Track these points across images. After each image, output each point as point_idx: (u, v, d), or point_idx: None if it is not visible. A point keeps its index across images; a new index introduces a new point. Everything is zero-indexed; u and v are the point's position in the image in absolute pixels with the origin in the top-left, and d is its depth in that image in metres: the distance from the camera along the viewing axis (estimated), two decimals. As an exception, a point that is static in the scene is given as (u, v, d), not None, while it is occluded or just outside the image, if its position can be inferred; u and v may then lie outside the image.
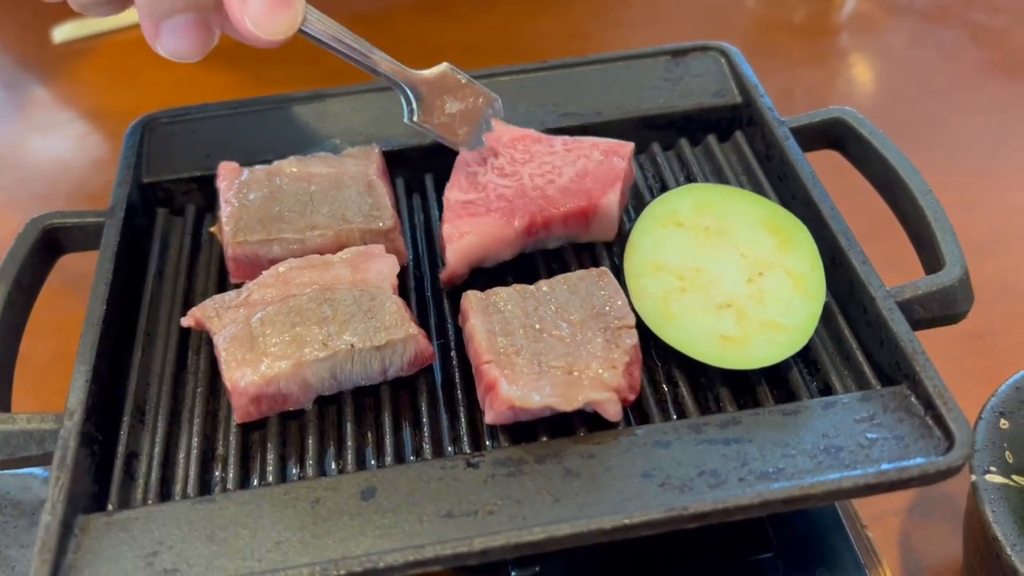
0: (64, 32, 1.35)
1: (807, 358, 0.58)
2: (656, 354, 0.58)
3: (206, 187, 0.70)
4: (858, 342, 0.57)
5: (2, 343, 0.61)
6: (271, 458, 0.54)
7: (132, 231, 0.66)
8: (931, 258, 0.61)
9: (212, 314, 0.57)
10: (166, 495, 0.53)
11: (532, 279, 0.60)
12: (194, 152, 0.71)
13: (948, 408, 0.50)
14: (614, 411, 0.52)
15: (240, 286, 0.60)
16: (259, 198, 0.64)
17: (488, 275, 0.64)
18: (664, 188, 0.70)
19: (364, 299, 0.57)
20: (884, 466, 0.49)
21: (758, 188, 0.69)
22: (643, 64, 0.77)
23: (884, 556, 0.67)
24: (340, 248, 0.61)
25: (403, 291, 0.62)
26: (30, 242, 0.64)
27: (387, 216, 0.63)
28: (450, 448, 0.55)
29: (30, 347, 0.87)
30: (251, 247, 0.62)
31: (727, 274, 0.60)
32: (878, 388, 0.54)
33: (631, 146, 0.67)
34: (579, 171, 0.65)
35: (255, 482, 0.54)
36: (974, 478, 0.61)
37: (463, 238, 0.61)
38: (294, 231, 0.62)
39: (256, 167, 0.66)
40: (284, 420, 0.56)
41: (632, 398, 0.55)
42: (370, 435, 0.56)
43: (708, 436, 0.51)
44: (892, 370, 0.54)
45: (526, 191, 0.64)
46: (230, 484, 0.53)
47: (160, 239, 0.68)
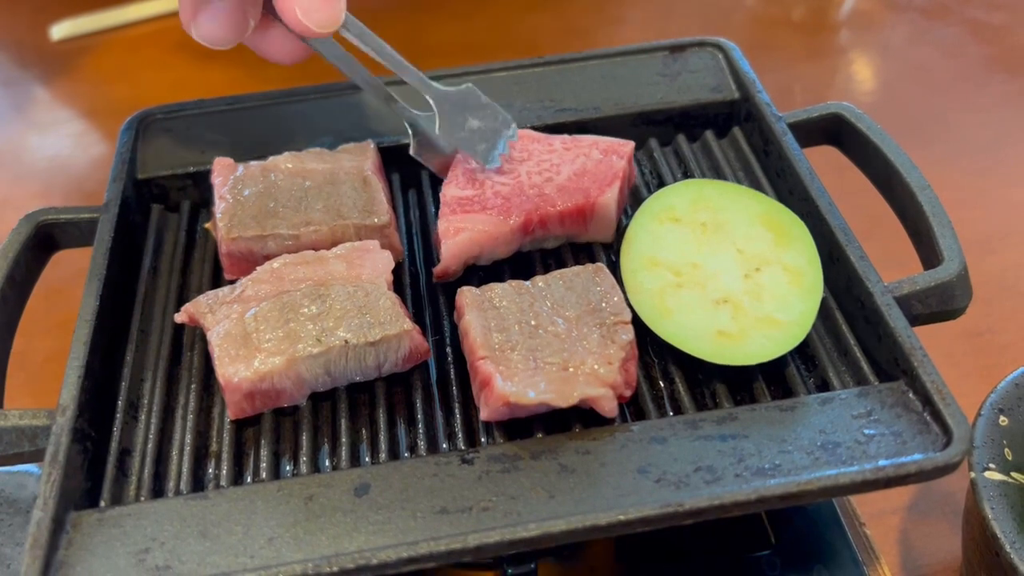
0: (62, 30, 1.35)
1: (804, 354, 0.57)
2: (652, 350, 0.58)
3: (201, 183, 0.70)
4: (856, 338, 0.57)
5: (-5, 339, 0.60)
6: (265, 454, 0.54)
7: (126, 227, 0.66)
8: (929, 253, 0.61)
9: (206, 310, 0.57)
10: (159, 491, 0.53)
11: (528, 275, 0.59)
12: (189, 148, 0.71)
13: (946, 404, 0.50)
14: (610, 407, 0.52)
15: (234, 282, 0.60)
16: (254, 194, 0.64)
17: (484, 271, 0.63)
18: (661, 184, 0.70)
19: (359, 295, 0.57)
20: (881, 462, 0.48)
21: (756, 184, 0.68)
22: (640, 60, 0.76)
23: (883, 554, 0.67)
24: (335, 244, 0.61)
25: (398, 287, 0.62)
26: (24, 238, 0.64)
27: (382, 212, 0.63)
28: (445, 445, 0.54)
29: (25, 345, 0.87)
30: (245, 243, 0.61)
31: (724, 270, 0.59)
32: (876, 384, 0.54)
33: (631, 145, 0.67)
34: (577, 169, 0.65)
35: (248, 478, 0.53)
36: (973, 475, 0.61)
37: (458, 234, 0.61)
38: (289, 227, 0.62)
39: (251, 163, 0.66)
40: (278, 416, 0.56)
41: (628, 394, 0.54)
42: (364, 431, 0.55)
43: (704, 432, 0.51)
44: (890, 366, 0.54)
45: (523, 189, 0.63)
46: (223, 480, 0.53)
47: (154, 235, 0.68)
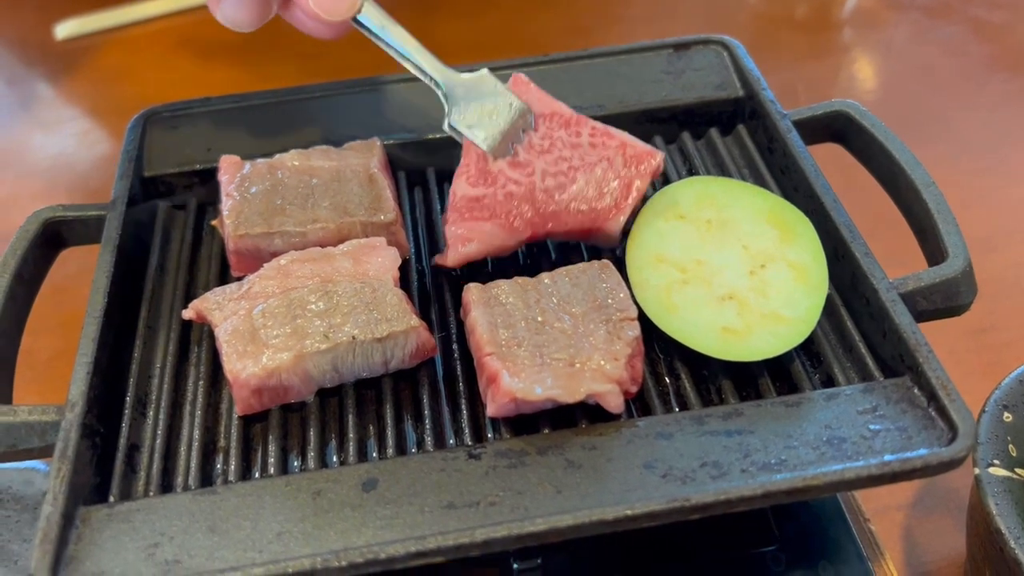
0: (67, 29, 1.35)
1: (809, 350, 0.58)
2: (658, 346, 0.58)
3: (207, 181, 0.70)
4: (861, 334, 0.57)
5: (3, 336, 0.61)
6: (272, 450, 0.54)
7: (133, 224, 0.66)
8: (934, 250, 0.61)
9: (213, 306, 0.57)
10: (167, 487, 0.53)
11: (534, 272, 0.60)
12: (195, 146, 0.71)
13: (951, 399, 0.50)
14: (616, 403, 0.52)
15: (241, 279, 0.60)
16: (260, 191, 0.64)
17: (490, 267, 0.64)
18: (667, 181, 0.70)
19: (365, 291, 0.57)
20: (887, 457, 0.48)
21: (760, 181, 0.69)
22: (645, 58, 0.77)
23: (887, 550, 0.67)
24: (341, 241, 0.61)
25: (405, 284, 0.62)
26: (31, 235, 0.64)
27: (388, 209, 0.63)
28: (452, 440, 0.54)
29: (33, 343, 0.87)
30: (252, 240, 0.62)
31: (729, 266, 0.59)
32: (881, 380, 0.54)
33: (659, 160, 0.63)
34: (594, 182, 0.62)
35: (256, 474, 0.54)
36: (977, 471, 0.61)
37: (466, 245, 0.61)
38: (295, 224, 0.62)
39: (258, 160, 0.66)
40: (285, 412, 0.56)
41: (634, 390, 0.55)
42: (372, 427, 0.56)
43: (710, 428, 0.51)
44: (895, 362, 0.54)
45: (535, 193, 0.61)
46: (231, 476, 0.53)
47: (161, 232, 0.68)
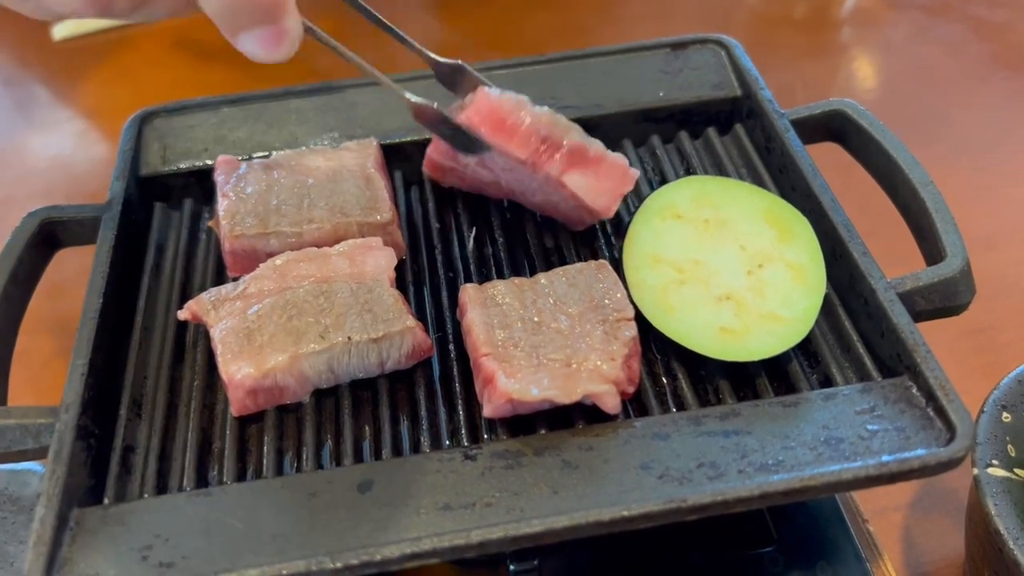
0: (63, 30, 1.35)
1: (807, 350, 0.57)
2: (655, 347, 0.58)
3: (204, 181, 0.70)
4: (859, 334, 0.57)
5: (-1, 337, 0.60)
6: (268, 451, 0.54)
7: (129, 225, 0.66)
8: (932, 249, 0.61)
9: (209, 307, 0.57)
10: (163, 488, 0.53)
11: (530, 272, 0.59)
12: (192, 146, 0.71)
13: (949, 399, 0.50)
14: (613, 403, 0.52)
15: (237, 280, 0.60)
16: (256, 191, 0.64)
17: (486, 268, 0.63)
18: (664, 181, 0.70)
19: (361, 292, 0.57)
20: (885, 458, 0.48)
21: (758, 180, 0.68)
22: (642, 57, 0.76)
23: (885, 550, 0.67)
24: (338, 241, 0.61)
25: (401, 284, 0.62)
26: (27, 235, 0.64)
27: (385, 209, 0.63)
28: (448, 441, 0.54)
29: (29, 344, 0.87)
30: (248, 240, 0.61)
31: (726, 266, 0.59)
32: (879, 380, 0.54)
33: (609, 213, 0.62)
34: (550, 202, 0.64)
35: (252, 475, 0.54)
36: (976, 472, 0.61)
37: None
38: (291, 224, 0.62)
39: (254, 160, 0.66)
40: (281, 413, 0.56)
41: (631, 391, 0.54)
42: (368, 428, 0.55)
43: (707, 428, 0.51)
44: (893, 362, 0.54)
45: (500, 187, 0.65)
46: (227, 477, 0.53)
47: (157, 233, 0.68)
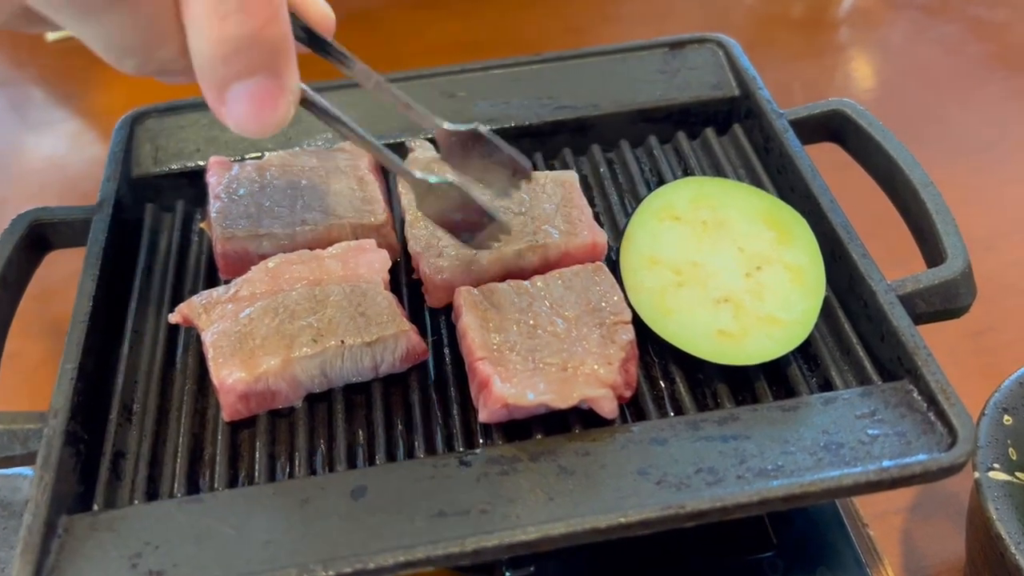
0: (58, 30, 1.34)
1: (807, 353, 0.57)
2: (653, 350, 0.57)
3: (196, 182, 0.69)
4: (858, 337, 0.56)
5: (-13, 341, 0.60)
6: (260, 457, 0.53)
7: (120, 227, 0.65)
8: (932, 251, 0.60)
9: (200, 310, 0.56)
10: (153, 495, 0.52)
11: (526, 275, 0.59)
12: (184, 146, 0.70)
13: (951, 403, 0.49)
14: (610, 408, 0.51)
15: (230, 282, 0.59)
16: (249, 193, 0.63)
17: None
18: (661, 182, 0.69)
19: (355, 294, 0.56)
20: (886, 463, 0.48)
21: (756, 181, 0.68)
22: (640, 57, 0.76)
23: (886, 555, 0.66)
24: (331, 244, 0.60)
25: (395, 287, 0.61)
26: (16, 237, 0.63)
27: (379, 211, 0.62)
28: (443, 447, 0.53)
29: (21, 347, 0.86)
30: (240, 242, 0.61)
31: (725, 268, 0.59)
32: (879, 383, 0.53)
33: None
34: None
35: (244, 481, 0.53)
36: (977, 475, 0.60)
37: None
38: (284, 226, 0.61)
39: (246, 161, 0.65)
40: (273, 418, 0.55)
41: (628, 395, 0.54)
42: (361, 433, 0.55)
43: (706, 433, 0.50)
44: (893, 365, 0.53)
45: None
46: (218, 483, 0.52)
47: (149, 235, 0.67)
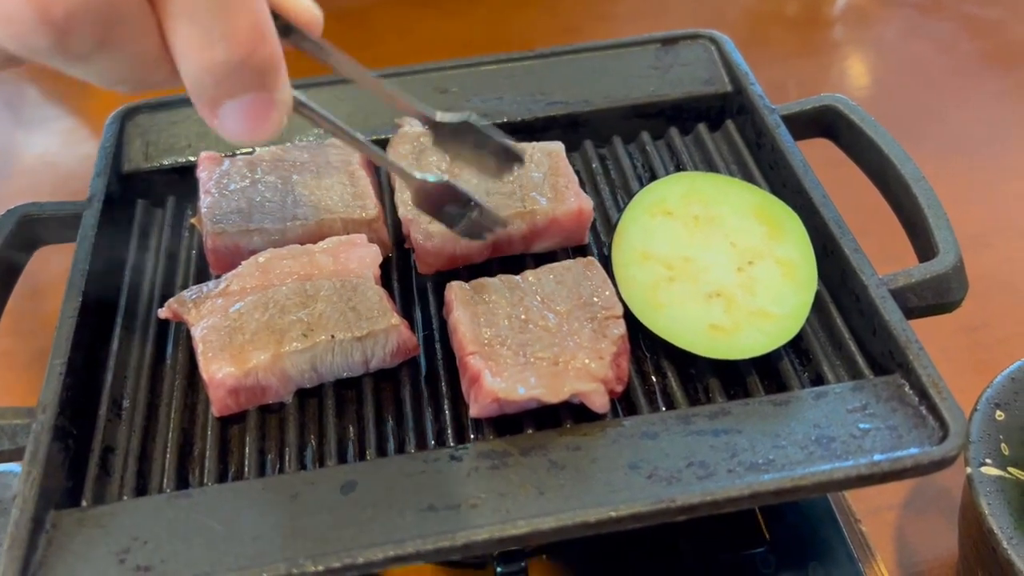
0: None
1: (798, 348, 0.57)
2: (644, 344, 0.57)
3: (186, 177, 0.68)
4: (850, 331, 0.56)
5: (-24, 336, 0.59)
6: (250, 452, 0.53)
7: (110, 222, 0.65)
8: (924, 246, 0.60)
9: (190, 305, 0.56)
10: (142, 490, 0.52)
11: (518, 268, 0.58)
12: (175, 142, 0.70)
13: (942, 397, 0.49)
14: (601, 402, 0.51)
15: (220, 278, 0.59)
16: (240, 188, 0.63)
17: (473, 266, 0.62)
18: (653, 177, 0.69)
19: (345, 289, 0.56)
20: (877, 456, 0.47)
21: (749, 177, 0.68)
22: (632, 53, 0.76)
23: (878, 550, 0.66)
24: (322, 239, 0.60)
25: (386, 282, 0.61)
26: (6, 232, 0.63)
27: (370, 206, 0.62)
28: (433, 441, 0.53)
29: (12, 344, 0.86)
30: (231, 238, 0.60)
31: (717, 263, 0.58)
32: (871, 378, 0.53)
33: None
34: None
35: (233, 477, 0.52)
36: (969, 471, 0.60)
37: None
38: (275, 221, 0.61)
39: (237, 157, 0.65)
40: (263, 413, 0.55)
41: (620, 389, 0.53)
42: (352, 428, 0.54)
43: (697, 427, 0.50)
44: (885, 359, 0.53)
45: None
46: (208, 479, 0.52)
47: (139, 230, 0.67)
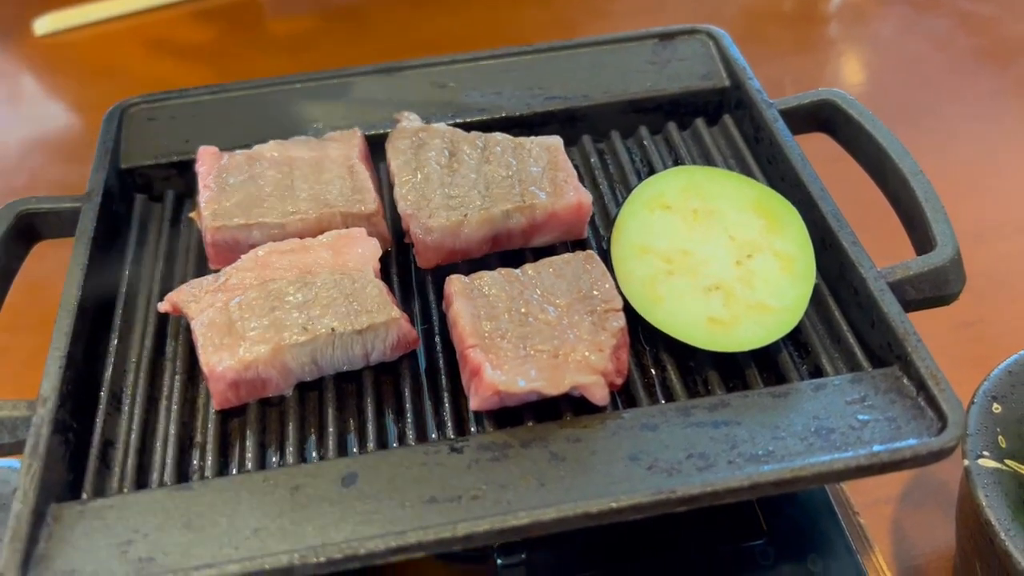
0: (45, 24, 1.34)
1: (797, 340, 0.57)
2: (644, 337, 0.57)
3: (185, 173, 0.68)
4: (849, 324, 0.56)
5: (-25, 331, 0.59)
6: (250, 445, 0.53)
7: (109, 217, 0.65)
8: (922, 239, 0.60)
9: (189, 299, 0.56)
10: (143, 483, 0.52)
11: (518, 263, 0.59)
12: (173, 137, 0.70)
13: (940, 389, 0.50)
14: (601, 395, 0.51)
15: (220, 272, 0.59)
16: (239, 183, 0.63)
17: (472, 260, 0.63)
18: (652, 172, 0.69)
19: (345, 282, 0.56)
20: (876, 448, 0.48)
21: (747, 171, 0.68)
22: (630, 48, 0.76)
23: (876, 543, 0.66)
24: (321, 232, 0.60)
25: (386, 276, 0.61)
26: (4, 228, 0.63)
27: (370, 200, 0.62)
28: (434, 434, 0.53)
29: (11, 340, 0.86)
30: (231, 232, 0.60)
31: (715, 256, 0.59)
32: (869, 370, 0.53)
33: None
34: None
35: (234, 469, 0.53)
36: (967, 463, 0.60)
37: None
38: (274, 216, 0.61)
39: (236, 151, 0.65)
40: (264, 407, 0.55)
41: (619, 382, 0.54)
42: (352, 421, 0.54)
43: (696, 419, 0.50)
44: (883, 352, 0.53)
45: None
46: (208, 472, 0.52)
47: (138, 225, 0.67)
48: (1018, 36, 1.24)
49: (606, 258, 0.59)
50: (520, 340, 0.53)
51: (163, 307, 0.57)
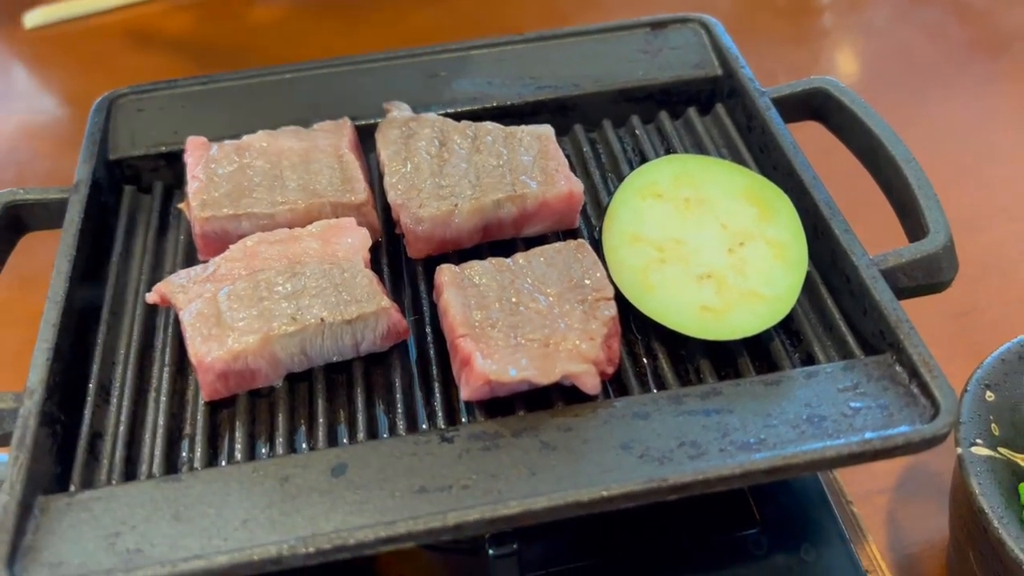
0: (35, 18, 1.33)
1: (789, 328, 0.57)
2: (635, 326, 0.57)
3: (174, 163, 0.68)
4: (841, 312, 0.56)
5: (-38, 323, 0.59)
6: (239, 436, 0.53)
7: (97, 208, 0.64)
8: (915, 226, 0.60)
9: (178, 289, 0.55)
10: (131, 475, 0.52)
11: (509, 252, 0.58)
12: (162, 128, 0.70)
13: (933, 376, 0.49)
14: (592, 383, 0.51)
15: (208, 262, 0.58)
16: (228, 173, 0.62)
17: (463, 250, 0.62)
18: (644, 161, 0.68)
19: (335, 272, 0.55)
20: (868, 435, 0.48)
21: (739, 160, 0.67)
22: (622, 36, 0.75)
23: (870, 532, 0.66)
24: (311, 223, 0.60)
25: (376, 266, 0.61)
26: (-9, 219, 0.62)
27: (359, 190, 0.62)
28: (424, 424, 0.53)
29: (1, 334, 0.85)
30: (219, 223, 0.60)
31: (707, 245, 0.58)
32: (862, 357, 0.53)
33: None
34: None
35: (223, 461, 0.52)
36: (960, 451, 0.60)
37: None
38: (263, 206, 0.60)
39: (225, 142, 0.65)
40: (253, 398, 0.55)
41: (611, 371, 0.53)
42: (342, 412, 0.54)
43: (688, 407, 0.50)
44: (876, 339, 0.53)
45: None
46: (197, 463, 0.52)
47: (127, 216, 0.66)
48: (1010, 26, 1.24)
49: (598, 247, 0.59)
50: (511, 329, 0.53)
51: (151, 298, 0.57)
